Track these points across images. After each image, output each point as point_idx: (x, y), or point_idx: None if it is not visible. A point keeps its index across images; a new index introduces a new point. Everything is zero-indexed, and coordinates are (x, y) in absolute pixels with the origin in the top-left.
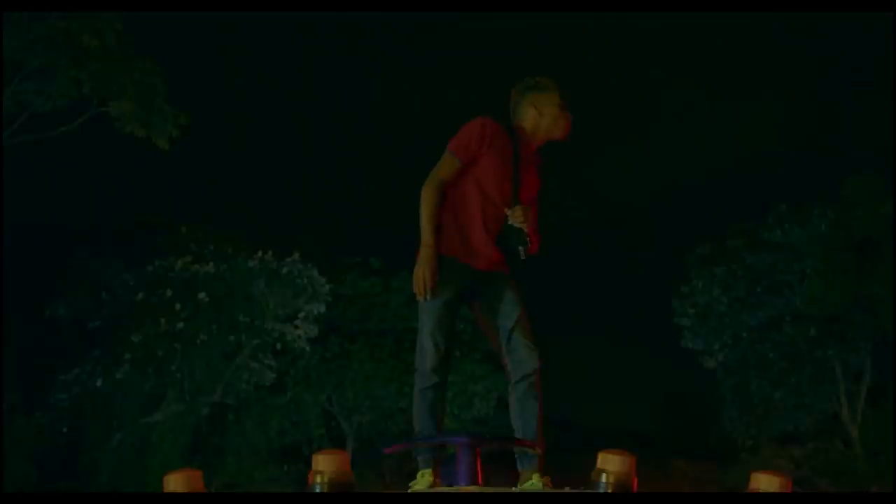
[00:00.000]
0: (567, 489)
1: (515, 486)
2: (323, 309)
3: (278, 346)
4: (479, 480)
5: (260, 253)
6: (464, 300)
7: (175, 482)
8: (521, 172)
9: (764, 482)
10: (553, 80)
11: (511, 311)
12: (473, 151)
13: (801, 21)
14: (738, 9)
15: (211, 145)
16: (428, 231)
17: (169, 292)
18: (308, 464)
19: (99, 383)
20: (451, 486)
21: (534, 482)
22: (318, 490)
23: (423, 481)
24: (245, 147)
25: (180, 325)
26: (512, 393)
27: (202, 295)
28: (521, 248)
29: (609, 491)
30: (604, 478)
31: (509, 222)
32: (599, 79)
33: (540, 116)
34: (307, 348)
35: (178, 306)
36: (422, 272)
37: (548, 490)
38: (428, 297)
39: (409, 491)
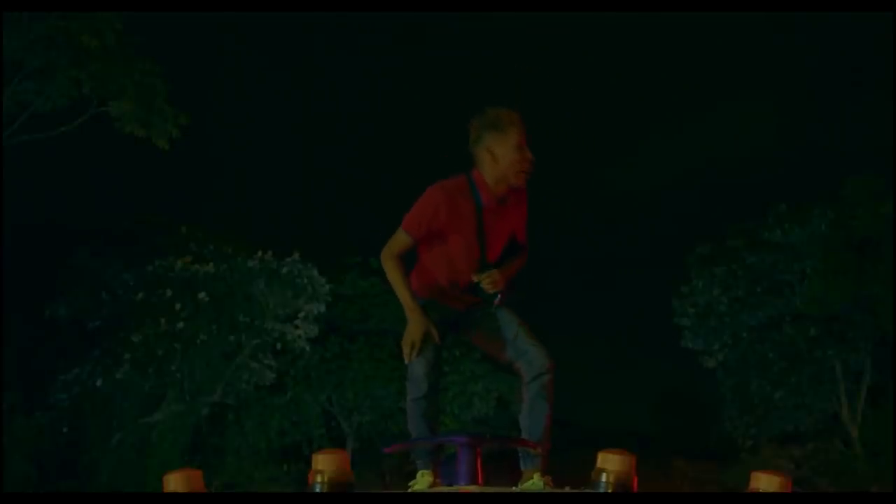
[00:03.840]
0: (567, 489)
1: (516, 485)
2: (323, 309)
3: (278, 346)
4: (480, 480)
5: (260, 253)
6: (453, 329)
7: (175, 482)
8: (488, 227)
9: (764, 482)
10: (513, 114)
11: (508, 322)
12: (426, 229)
13: (801, 21)
14: (738, 9)
15: (211, 145)
16: (405, 296)
17: (169, 292)
18: (308, 464)
19: (99, 383)
20: (451, 485)
21: (534, 481)
22: (318, 490)
23: (422, 481)
24: (245, 147)
25: (180, 325)
26: (525, 393)
27: (202, 295)
28: (493, 301)
29: (609, 490)
30: (604, 477)
31: (481, 286)
32: (600, 79)
33: (495, 163)
34: (307, 348)
35: (178, 306)
36: (409, 338)
37: (548, 490)
38: (413, 360)
39: (409, 490)
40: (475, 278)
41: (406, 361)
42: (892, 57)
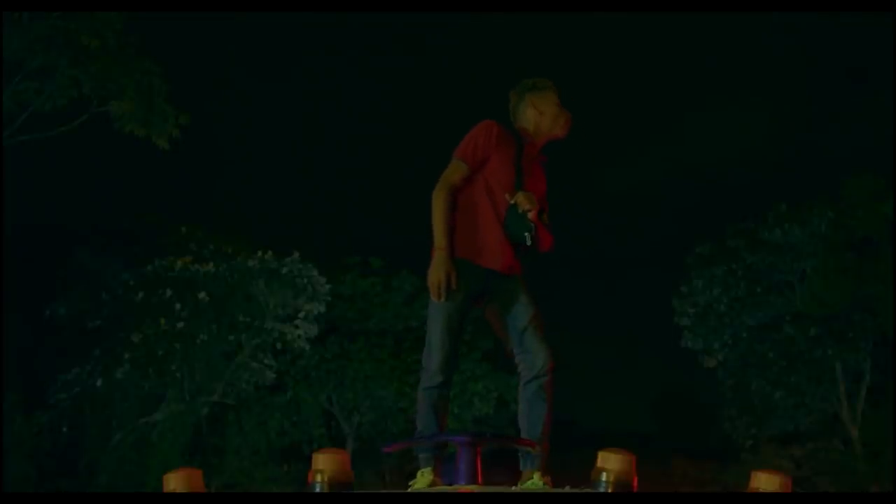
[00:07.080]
0: (567, 489)
1: (516, 485)
2: (323, 309)
3: (278, 345)
4: (480, 479)
5: (260, 253)
6: (475, 302)
7: (175, 481)
8: (526, 171)
9: (764, 481)
10: (549, 81)
11: (523, 310)
12: (480, 155)
13: (801, 21)
14: (739, 9)
15: (211, 145)
16: (441, 234)
17: (169, 292)
18: (308, 464)
19: (99, 383)
20: (451, 484)
21: (534, 481)
22: (317, 489)
23: (422, 480)
24: (245, 147)
25: (180, 325)
26: (522, 392)
27: (202, 295)
28: (526, 234)
29: (609, 490)
30: (604, 477)
31: (518, 210)
32: (600, 79)
33: (540, 116)
34: (307, 348)
35: (178, 306)
36: (436, 276)
37: (548, 489)
38: (442, 299)
39: (409, 490)
40: (510, 199)
41: (434, 300)
42: (892, 57)
